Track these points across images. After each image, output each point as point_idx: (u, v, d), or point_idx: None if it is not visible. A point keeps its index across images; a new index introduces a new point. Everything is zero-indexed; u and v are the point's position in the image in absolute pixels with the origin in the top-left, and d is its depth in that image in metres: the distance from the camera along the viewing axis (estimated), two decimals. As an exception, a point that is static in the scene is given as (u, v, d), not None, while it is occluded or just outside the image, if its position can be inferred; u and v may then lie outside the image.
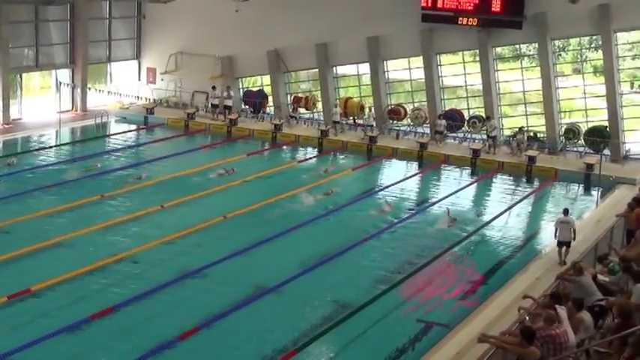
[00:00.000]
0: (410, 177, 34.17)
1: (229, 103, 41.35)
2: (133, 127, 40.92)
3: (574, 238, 22.96)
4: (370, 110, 39.90)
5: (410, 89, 42.16)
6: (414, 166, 35.94)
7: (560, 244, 22.93)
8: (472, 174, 35.04)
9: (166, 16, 43.69)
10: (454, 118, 39.39)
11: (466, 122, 39.39)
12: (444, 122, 37.91)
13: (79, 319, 18.33)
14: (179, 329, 18.08)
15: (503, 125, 39.58)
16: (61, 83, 41.88)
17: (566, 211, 23.58)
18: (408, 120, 40.86)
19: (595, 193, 31.29)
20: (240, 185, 30.68)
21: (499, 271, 23.25)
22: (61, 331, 17.68)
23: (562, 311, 14.18)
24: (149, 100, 44.24)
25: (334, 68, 42.61)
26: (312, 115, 42.75)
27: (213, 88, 41.84)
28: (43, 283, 20.14)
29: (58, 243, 23.27)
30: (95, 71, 45.00)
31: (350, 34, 40.36)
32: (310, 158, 36.80)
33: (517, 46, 40.38)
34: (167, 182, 30.51)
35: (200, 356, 17.52)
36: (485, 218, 28.31)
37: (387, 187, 31.95)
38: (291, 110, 41.97)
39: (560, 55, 41.17)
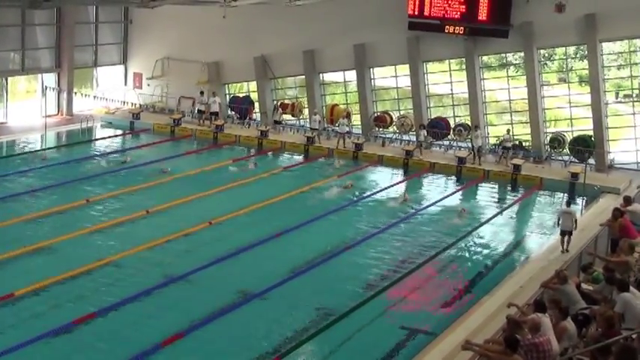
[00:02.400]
0: (395, 184, 34.13)
1: (216, 109, 41.28)
2: (119, 132, 40.82)
3: (575, 228, 24.40)
4: (344, 118, 39.68)
5: (396, 97, 42.25)
6: (399, 174, 35.97)
7: (562, 232, 24.51)
8: (457, 182, 35.09)
9: (153, 21, 43.64)
10: (440, 126, 39.49)
11: (452, 130, 39.48)
12: (423, 132, 37.99)
13: (62, 323, 18.22)
14: (163, 335, 18.00)
15: (488, 134, 39.71)
16: (46, 87, 41.83)
17: (569, 203, 26.21)
18: (394, 127, 40.93)
19: (580, 202, 31.40)
20: (224, 191, 30.62)
21: (483, 279, 23.29)
22: (43, 335, 17.56)
23: (545, 319, 14.23)
24: (135, 105, 44.17)
25: (321, 75, 42.69)
26: (298, 122, 42.78)
27: (201, 93, 41.80)
28: (26, 288, 20.02)
29: (42, 247, 23.16)
30: (81, 76, 44.89)
31: (337, 41, 40.45)
32: (296, 165, 36.75)
33: (503, 54, 40.54)
34: (152, 188, 30.48)
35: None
36: (470, 226, 28.31)
37: (373, 193, 32.00)
38: (272, 116, 41.73)
39: (546, 64, 41.34)
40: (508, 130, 37.44)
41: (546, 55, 41.13)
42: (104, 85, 45.92)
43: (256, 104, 43.75)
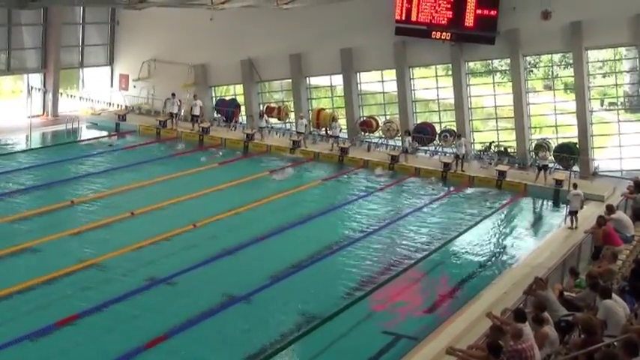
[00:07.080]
0: (380, 189, 34.12)
1: (197, 112, 41.12)
2: (105, 133, 40.73)
3: (581, 207, 28.50)
4: (335, 121, 39.92)
5: (382, 102, 42.30)
6: (384, 178, 35.96)
7: (571, 212, 28.36)
8: (443, 187, 35.09)
9: (140, 23, 43.55)
10: (426, 132, 39.56)
11: (437, 136, 39.55)
12: (408, 139, 38.10)
13: (44, 325, 18.15)
14: (147, 337, 17.98)
15: (474, 140, 39.79)
16: (32, 88, 41.70)
17: (575, 186, 29.81)
18: (380, 132, 40.98)
19: (564, 208, 31.45)
20: (210, 194, 30.57)
21: (467, 285, 23.33)
22: (26, 337, 17.50)
23: (526, 328, 14.26)
24: (121, 106, 44.08)
25: (307, 79, 42.70)
26: (284, 125, 42.75)
27: (173, 95, 41.54)
28: (9, 289, 19.96)
29: (25, 248, 23.10)
30: (67, 76, 44.79)
31: (324, 45, 40.48)
32: (282, 168, 36.66)
33: (489, 61, 40.62)
34: (137, 190, 30.42)
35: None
36: (455, 232, 28.35)
37: (357, 199, 32.00)
38: (259, 122, 41.20)
39: (532, 71, 41.48)
40: (545, 145, 37.38)
41: (532, 62, 41.26)
42: (90, 86, 45.78)
43: (242, 107, 43.70)
